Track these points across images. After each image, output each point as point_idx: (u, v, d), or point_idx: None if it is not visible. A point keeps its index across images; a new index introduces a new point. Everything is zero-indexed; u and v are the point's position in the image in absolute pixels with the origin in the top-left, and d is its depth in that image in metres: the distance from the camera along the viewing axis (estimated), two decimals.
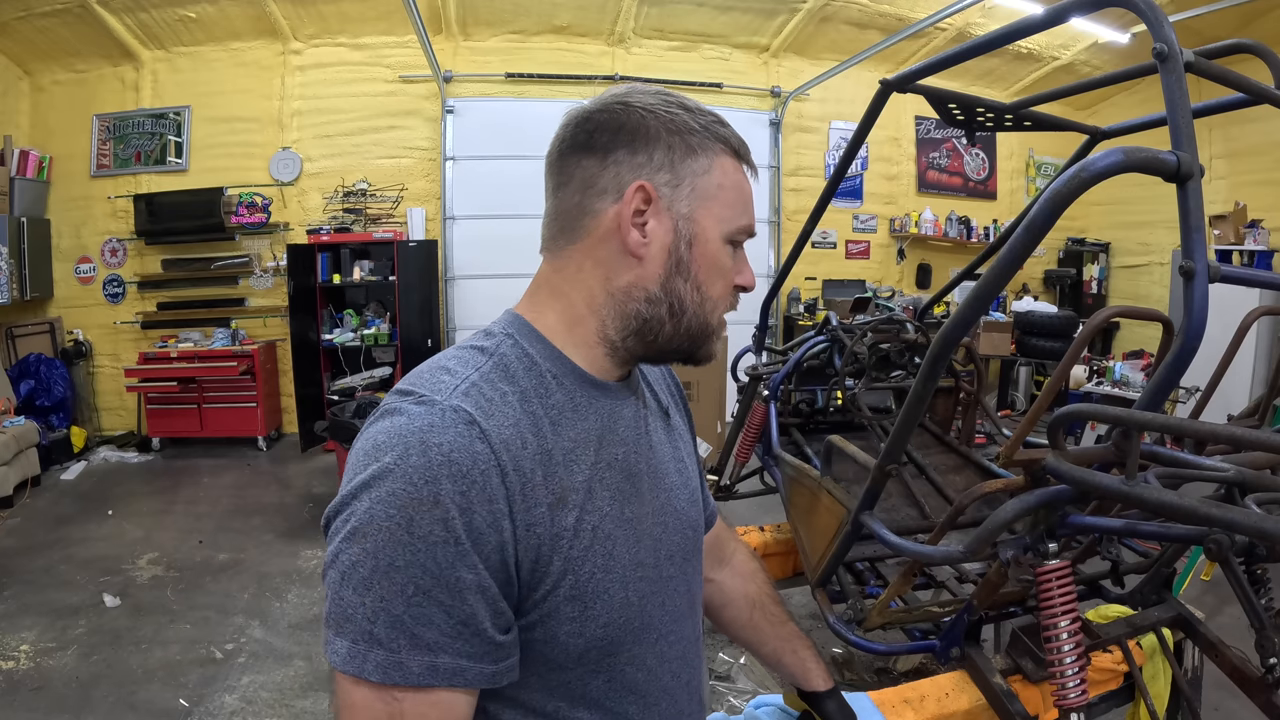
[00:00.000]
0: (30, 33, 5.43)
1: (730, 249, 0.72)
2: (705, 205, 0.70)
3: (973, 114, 1.72)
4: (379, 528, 0.57)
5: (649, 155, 0.68)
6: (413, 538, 0.57)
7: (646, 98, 0.70)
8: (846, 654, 2.65)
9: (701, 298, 0.71)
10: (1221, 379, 1.64)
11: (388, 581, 0.57)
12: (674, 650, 0.77)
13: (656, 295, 0.70)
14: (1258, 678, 1.23)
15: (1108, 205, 7.09)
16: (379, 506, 0.57)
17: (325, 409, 5.60)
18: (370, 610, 0.57)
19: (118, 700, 2.60)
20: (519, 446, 0.63)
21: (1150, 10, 0.91)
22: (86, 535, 4.10)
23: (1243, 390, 4.86)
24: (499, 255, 6.18)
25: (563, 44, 6.35)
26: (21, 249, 5.47)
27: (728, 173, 0.71)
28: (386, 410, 0.63)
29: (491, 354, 0.68)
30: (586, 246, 0.70)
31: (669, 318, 0.70)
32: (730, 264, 0.73)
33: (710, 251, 0.70)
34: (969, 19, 5.79)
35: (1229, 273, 0.90)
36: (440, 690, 0.59)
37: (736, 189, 0.72)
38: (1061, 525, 1.09)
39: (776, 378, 2.54)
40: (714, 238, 0.70)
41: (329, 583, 0.59)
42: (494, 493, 0.60)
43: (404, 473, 0.57)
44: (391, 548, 0.57)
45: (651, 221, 0.68)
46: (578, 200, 0.70)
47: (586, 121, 0.70)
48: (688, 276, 0.70)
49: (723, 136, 0.71)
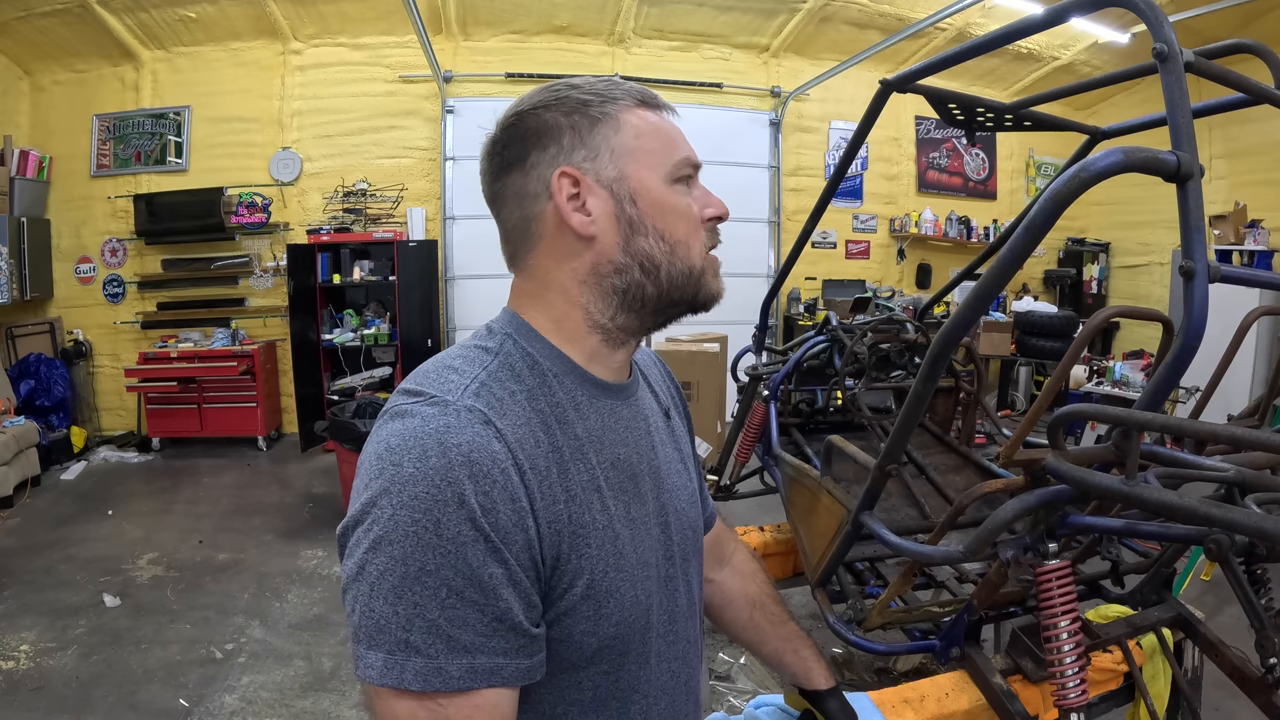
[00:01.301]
0: (30, 33, 5.43)
1: (681, 187, 0.72)
2: (631, 159, 0.70)
3: (973, 114, 1.72)
4: (405, 533, 0.56)
5: (558, 145, 0.69)
6: (441, 540, 0.56)
7: (533, 98, 0.72)
8: (846, 654, 2.65)
9: (669, 245, 0.71)
10: (1221, 379, 1.64)
11: (420, 587, 0.56)
12: (674, 650, 0.78)
13: (623, 263, 0.70)
14: (1258, 678, 1.23)
15: (1108, 205, 7.09)
16: (403, 512, 0.56)
17: (325, 409, 5.59)
18: (404, 618, 0.56)
19: (118, 700, 2.60)
20: (533, 445, 0.63)
21: (1150, 10, 0.91)
22: (86, 535, 4.10)
23: (1243, 390, 4.86)
24: (499, 255, 6.10)
25: (563, 44, 6.35)
26: (21, 249, 5.47)
27: (639, 122, 0.71)
28: (396, 412, 0.62)
29: (496, 353, 0.68)
30: (544, 249, 0.71)
31: (646, 278, 0.70)
32: (685, 201, 0.72)
33: (656, 198, 0.70)
34: (969, 19, 5.79)
35: (1229, 273, 0.90)
36: (483, 691, 0.58)
37: (655, 132, 0.72)
38: (1061, 525, 1.09)
39: (776, 378, 2.54)
40: (654, 184, 0.70)
41: (355, 597, 0.58)
42: (515, 491, 0.60)
43: (425, 475, 0.57)
44: (421, 552, 0.56)
45: (589, 199, 0.69)
46: (519, 214, 0.72)
47: (494, 146, 0.73)
48: (645, 231, 0.70)
49: (619, 95, 0.71)
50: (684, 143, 0.74)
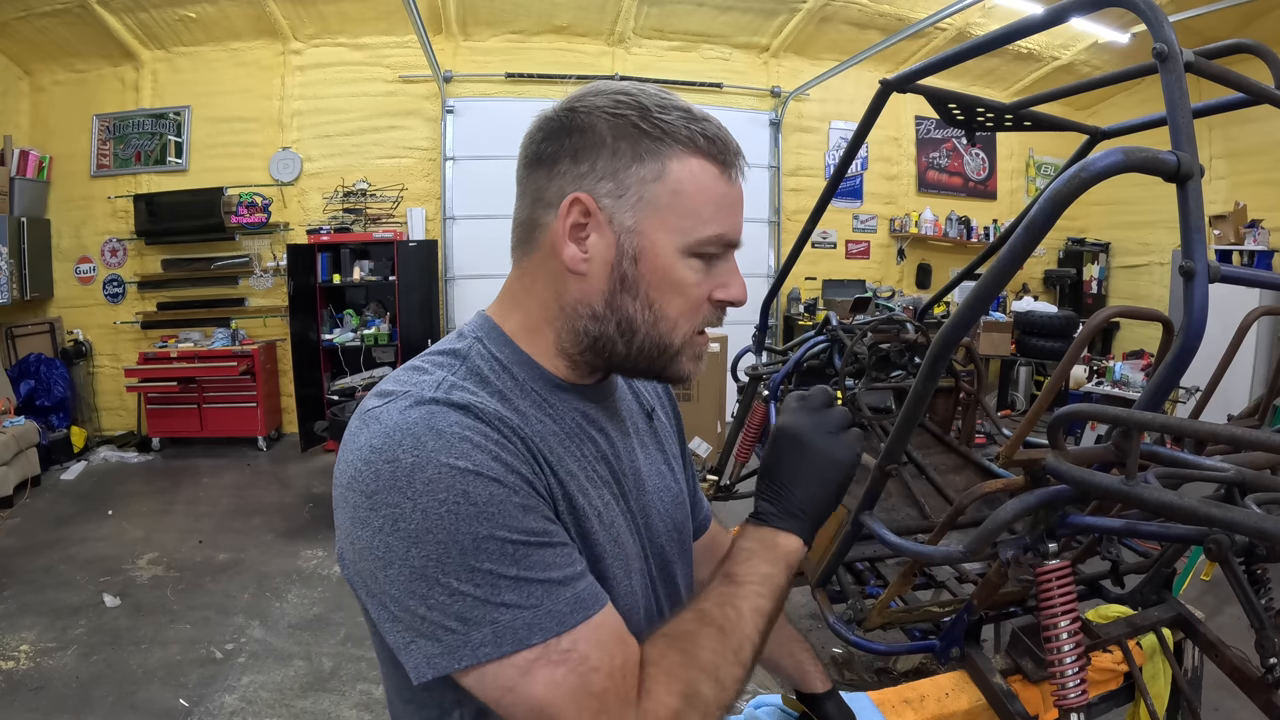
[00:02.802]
0: (30, 33, 5.43)
1: (696, 262, 0.66)
2: (655, 216, 0.64)
3: (973, 114, 1.71)
4: (440, 515, 0.54)
5: (591, 164, 0.64)
6: (478, 507, 0.54)
7: (600, 99, 0.65)
8: (846, 654, 2.65)
9: (654, 316, 0.66)
10: (1221, 379, 1.63)
11: (485, 554, 0.54)
12: None
13: (602, 313, 0.66)
14: (1258, 678, 1.23)
15: (1108, 205, 7.09)
16: (425, 499, 0.54)
17: (325, 409, 5.60)
18: (487, 588, 0.54)
19: (118, 700, 2.60)
20: (518, 424, 0.62)
21: (1150, 10, 0.91)
22: (86, 535, 4.10)
23: (1243, 390, 4.86)
24: (499, 255, 6.04)
25: (563, 44, 6.35)
26: (21, 249, 5.47)
27: (688, 177, 0.64)
28: (370, 417, 0.59)
29: (463, 357, 0.66)
30: (539, 259, 0.68)
31: (619, 337, 0.67)
32: (693, 279, 0.66)
33: (661, 266, 0.65)
34: (969, 19, 5.79)
35: (1229, 273, 0.90)
36: (595, 615, 0.58)
37: (700, 193, 0.64)
38: (1061, 525, 1.09)
39: (776, 378, 2.54)
40: (665, 251, 0.64)
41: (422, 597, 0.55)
42: (521, 453, 0.60)
43: (429, 460, 0.55)
44: (468, 524, 0.54)
45: (593, 236, 0.64)
46: (529, 213, 0.69)
47: (537, 132, 0.67)
48: (635, 294, 0.65)
49: (685, 136, 0.64)
50: (727, 216, 0.66)
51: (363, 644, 3.00)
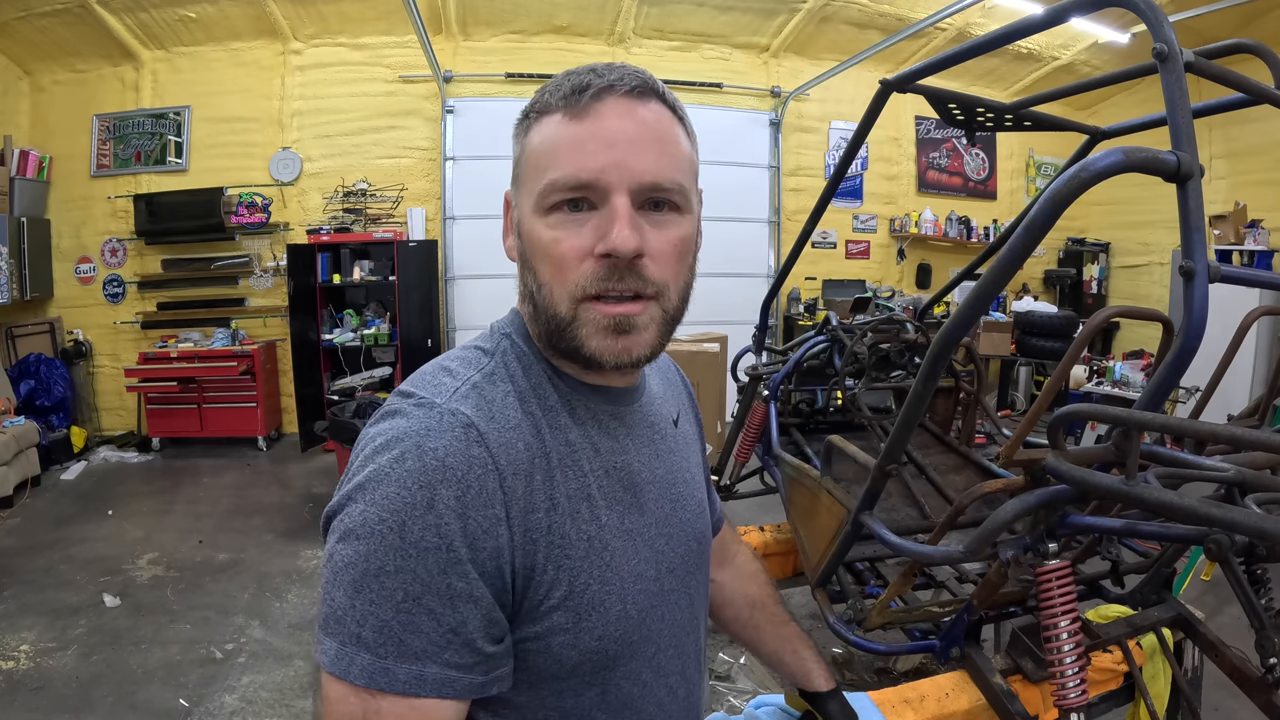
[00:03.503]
0: (30, 33, 5.43)
1: (557, 216, 0.62)
2: (521, 189, 0.66)
3: (973, 114, 1.72)
4: (371, 531, 0.56)
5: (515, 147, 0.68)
6: (404, 543, 0.55)
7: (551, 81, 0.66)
8: (846, 654, 2.65)
9: (538, 284, 0.64)
10: (1221, 379, 1.63)
11: (378, 586, 0.56)
12: (672, 665, 0.75)
13: (522, 292, 0.68)
14: (1258, 678, 1.23)
15: (1108, 205, 7.09)
16: (372, 510, 0.56)
17: (325, 409, 5.59)
18: (359, 614, 0.56)
19: (118, 700, 2.60)
20: (519, 449, 0.62)
21: (1150, 10, 0.91)
22: (86, 535, 4.10)
23: (1243, 390, 4.86)
24: (499, 255, 5.95)
25: (563, 44, 6.35)
26: (21, 249, 5.47)
27: (537, 139, 0.63)
28: (387, 411, 0.63)
29: (493, 354, 0.68)
30: None
31: (535, 314, 0.66)
32: (549, 235, 0.62)
33: (527, 230, 0.64)
34: (969, 19, 5.79)
35: (1229, 273, 0.90)
36: (426, 699, 0.57)
37: (543, 146, 0.63)
38: (1061, 525, 1.09)
39: (776, 378, 2.54)
40: (527, 214, 0.64)
41: (323, 582, 0.59)
42: (491, 497, 0.59)
43: (399, 477, 0.57)
44: (383, 552, 0.56)
45: (509, 217, 0.70)
46: None
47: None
48: (528, 267, 0.65)
49: (543, 104, 0.64)
50: (572, 156, 0.60)
51: None
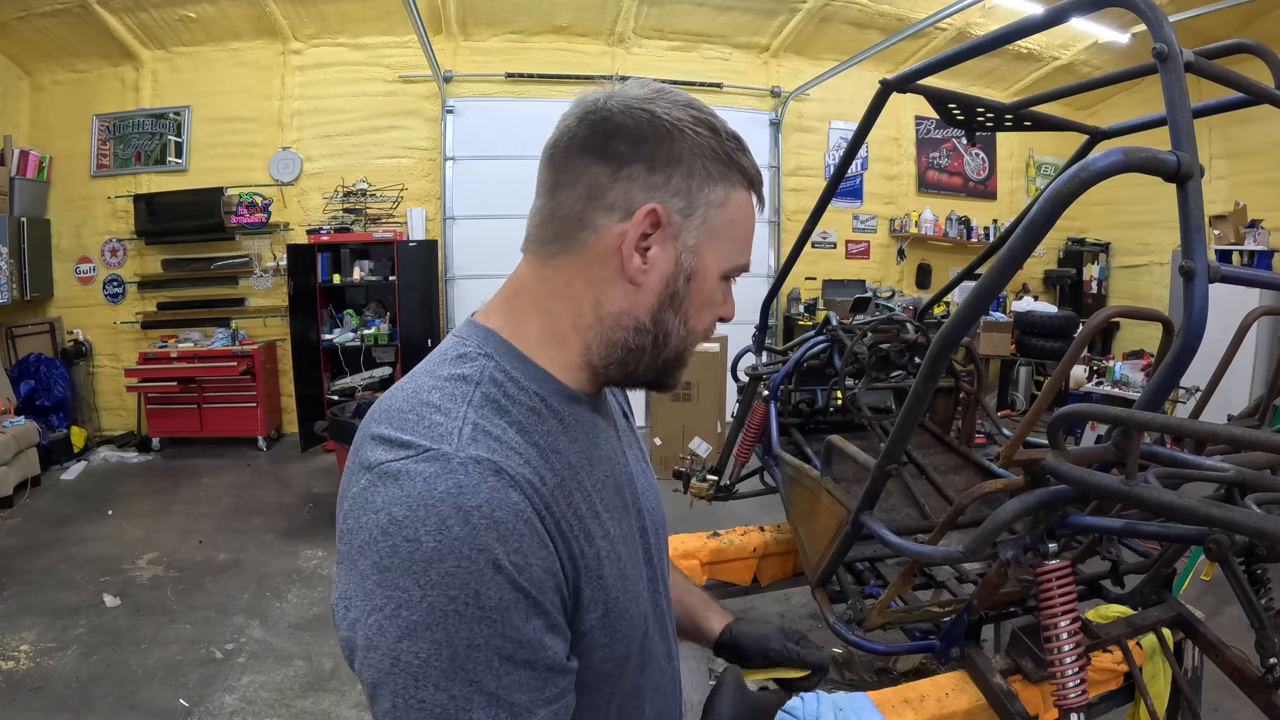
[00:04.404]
0: (30, 33, 5.43)
1: (725, 285, 0.70)
2: (713, 240, 0.65)
3: (973, 114, 1.72)
4: (445, 613, 0.52)
5: (667, 176, 0.62)
6: (485, 611, 0.53)
7: (675, 109, 0.63)
8: (846, 654, 2.65)
9: (687, 331, 0.68)
10: (1221, 379, 1.63)
11: (472, 664, 0.53)
12: (663, 648, 0.79)
13: (645, 326, 0.66)
14: (1258, 678, 1.23)
15: (1108, 205, 7.09)
16: (435, 592, 0.52)
17: (325, 409, 5.60)
18: (462, 699, 0.53)
19: (118, 700, 2.60)
20: (540, 484, 0.59)
21: (1150, 10, 0.91)
22: (86, 535, 4.10)
23: (1243, 390, 4.86)
24: (499, 255, 6.14)
25: (563, 44, 6.35)
26: (21, 249, 5.47)
27: (740, 207, 0.67)
28: (388, 473, 0.56)
29: (477, 383, 0.62)
30: (581, 261, 0.65)
31: (651, 348, 0.67)
32: (719, 299, 0.70)
33: (707, 288, 0.67)
34: (969, 19, 5.79)
35: (1229, 273, 0.90)
36: None
37: (745, 225, 0.68)
38: (1061, 525, 1.09)
39: (776, 378, 2.54)
40: (713, 274, 0.67)
41: (395, 691, 0.53)
42: (540, 539, 0.57)
43: (452, 548, 0.52)
44: (467, 628, 0.52)
45: (655, 248, 0.64)
46: (580, 209, 0.64)
47: (605, 122, 0.63)
48: (679, 310, 0.66)
49: (743, 167, 0.66)
50: (749, 246, 0.71)
51: None
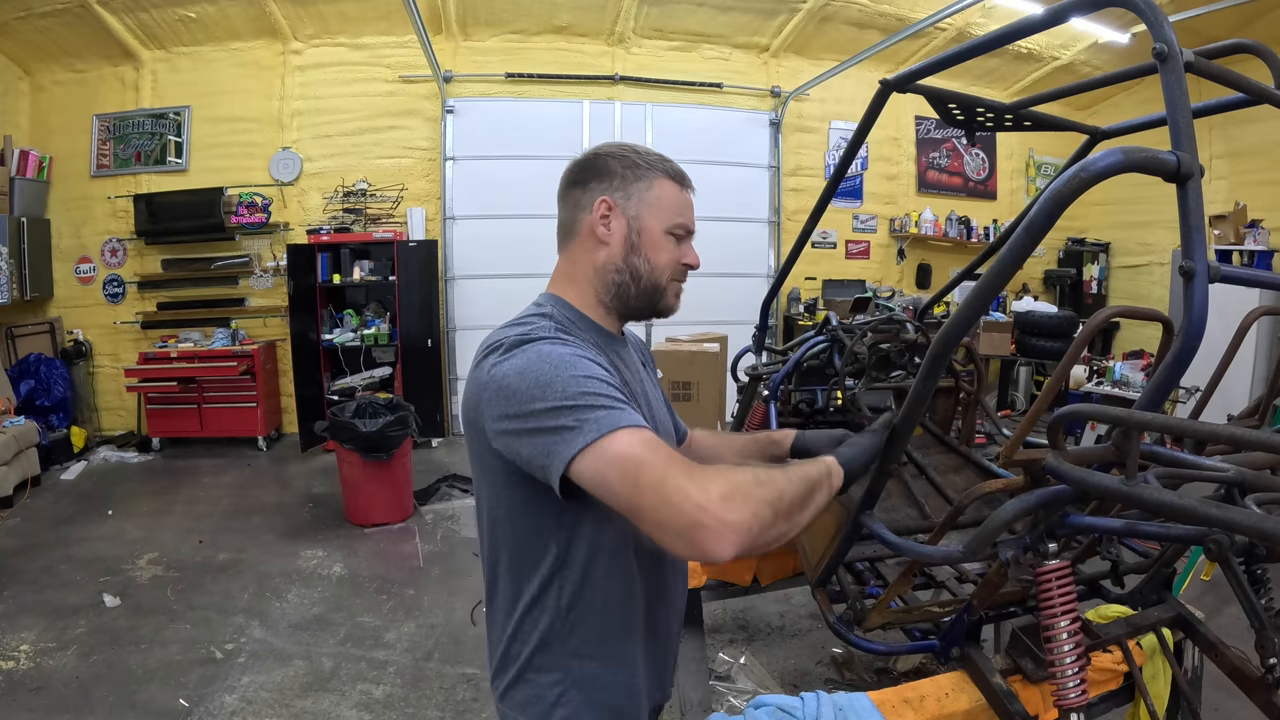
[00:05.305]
0: (30, 33, 5.43)
1: (672, 239, 1.10)
2: (648, 209, 1.09)
3: (973, 114, 1.71)
4: (553, 364, 0.90)
5: (609, 182, 1.09)
6: (570, 349, 0.93)
7: (610, 148, 1.12)
8: (846, 654, 2.65)
9: (650, 266, 1.09)
10: (1221, 379, 1.63)
11: (574, 384, 0.87)
12: None
13: (621, 268, 1.09)
14: (1258, 678, 1.23)
15: (1108, 205, 7.09)
16: (544, 364, 0.90)
17: (325, 409, 5.59)
18: (582, 403, 0.86)
19: (118, 700, 2.60)
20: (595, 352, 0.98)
21: (1150, 10, 0.91)
22: (86, 535, 4.10)
23: (1243, 390, 4.86)
24: (499, 255, 6.18)
25: (562, 44, 6.35)
26: (21, 249, 5.48)
27: (663, 187, 1.10)
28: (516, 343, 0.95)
29: (550, 316, 1.05)
30: (579, 242, 1.11)
31: (632, 282, 1.09)
32: (671, 247, 1.10)
33: (653, 237, 1.09)
34: (969, 19, 5.79)
35: (1229, 273, 0.90)
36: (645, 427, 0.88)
37: (670, 198, 1.10)
38: (1061, 525, 1.09)
39: (776, 378, 2.54)
40: (654, 228, 1.09)
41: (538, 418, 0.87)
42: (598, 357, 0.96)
43: (541, 338, 0.95)
44: (565, 367, 0.89)
45: (613, 222, 1.09)
46: (571, 214, 1.12)
47: (576, 167, 1.12)
48: (639, 254, 1.09)
49: (662, 168, 1.11)
50: (687, 213, 1.12)
51: (362, 644, 3.01)
